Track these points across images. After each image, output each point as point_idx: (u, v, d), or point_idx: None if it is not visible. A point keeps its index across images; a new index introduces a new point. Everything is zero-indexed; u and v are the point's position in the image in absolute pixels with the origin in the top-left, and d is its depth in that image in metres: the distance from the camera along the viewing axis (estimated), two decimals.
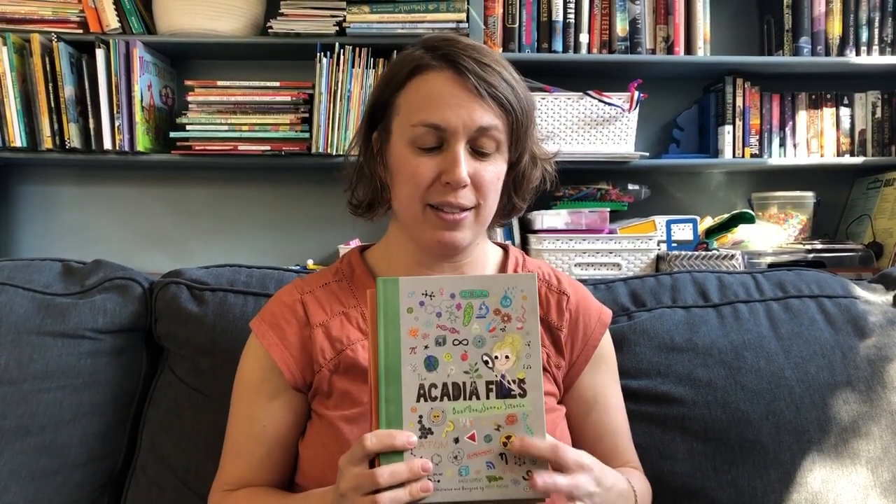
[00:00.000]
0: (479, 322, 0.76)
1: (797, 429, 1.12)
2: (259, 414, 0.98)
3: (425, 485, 0.73)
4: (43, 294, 1.22)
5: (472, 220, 0.94)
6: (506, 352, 0.75)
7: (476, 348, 0.75)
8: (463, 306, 0.76)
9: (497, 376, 0.75)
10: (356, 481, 0.73)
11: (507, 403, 0.75)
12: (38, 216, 2.48)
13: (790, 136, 2.44)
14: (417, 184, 0.92)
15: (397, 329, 0.75)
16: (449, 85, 0.91)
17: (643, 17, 2.33)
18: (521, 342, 0.76)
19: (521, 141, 0.97)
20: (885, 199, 2.38)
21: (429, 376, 0.75)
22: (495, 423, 0.74)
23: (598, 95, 2.19)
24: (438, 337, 0.75)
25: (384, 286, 0.75)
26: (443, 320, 0.76)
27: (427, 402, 0.74)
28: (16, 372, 1.14)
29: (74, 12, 2.20)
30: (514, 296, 0.76)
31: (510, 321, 0.76)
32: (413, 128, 0.92)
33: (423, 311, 0.75)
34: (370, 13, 2.17)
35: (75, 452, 1.14)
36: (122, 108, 2.15)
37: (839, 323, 1.23)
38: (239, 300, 1.21)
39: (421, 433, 0.74)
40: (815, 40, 2.37)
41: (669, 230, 2.17)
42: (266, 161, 2.24)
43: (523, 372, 0.75)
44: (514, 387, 0.75)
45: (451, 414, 0.74)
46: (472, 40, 0.97)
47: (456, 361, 0.75)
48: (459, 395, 0.75)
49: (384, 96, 0.97)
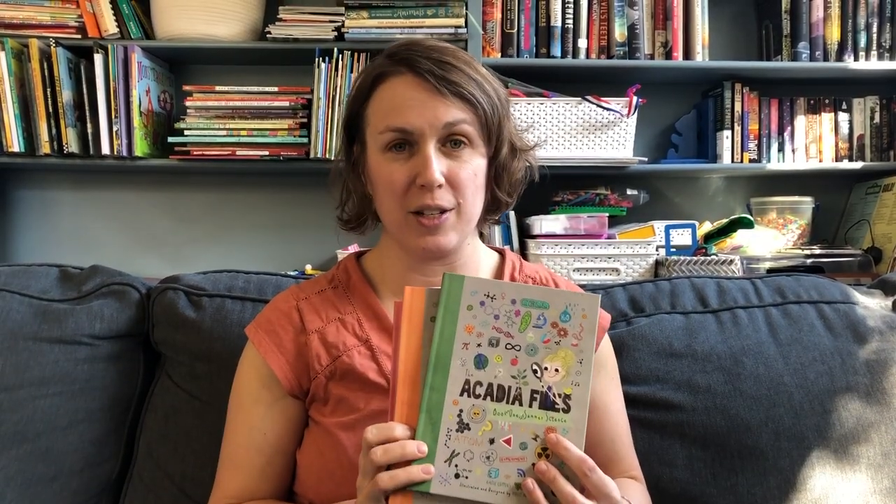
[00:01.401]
0: (535, 331, 0.76)
1: (797, 435, 1.12)
2: (258, 422, 0.97)
3: (426, 467, 0.73)
4: (40, 300, 1.21)
5: (454, 221, 0.93)
6: (556, 365, 0.76)
7: (527, 356, 0.76)
8: (521, 313, 0.76)
9: (543, 387, 0.75)
10: (363, 469, 0.76)
11: (549, 416, 0.75)
12: (36, 221, 2.48)
13: (789, 141, 2.44)
14: (394, 190, 0.92)
15: (454, 323, 0.76)
16: (410, 88, 0.91)
17: (642, 22, 2.34)
18: (574, 359, 0.76)
19: (494, 134, 0.96)
20: (884, 204, 2.38)
21: (476, 373, 0.75)
22: (534, 432, 0.75)
23: (596, 100, 2.18)
24: (492, 338, 0.76)
25: (449, 281, 0.77)
26: (499, 323, 0.76)
27: (470, 398, 0.75)
28: (12, 378, 1.13)
29: (73, 17, 2.20)
30: (574, 313, 0.76)
31: (566, 336, 0.76)
32: (381, 135, 0.92)
33: (482, 310, 0.76)
34: (368, 18, 2.17)
35: (72, 459, 1.13)
36: (120, 113, 2.15)
37: (838, 328, 1.23)
38: (237, 306, 1.21)
39: (458, 427, 0.74)
40: (814, 45, 2.37)
41: (668, 235, 2.17)
42: (264, 166, 2.24)
43: (570, 388, 0.75)
44: (559, 401, 0.75)
45: (490, 414, 0.75)
46: (437, 41, 0.96)
47: (505, 365, 0.76)
48: (503, 398, 0.75)
49: (354, 109, 0.97)
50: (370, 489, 0.74)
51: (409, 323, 0.77)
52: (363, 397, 0.95)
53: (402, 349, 0.77)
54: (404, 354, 0.76)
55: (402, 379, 0.76)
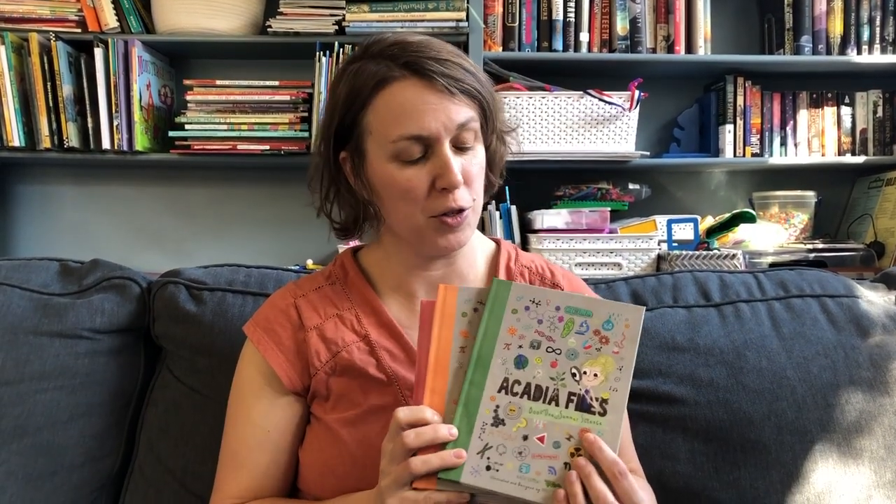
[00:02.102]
0: (577, 337, 0.79)
1: (799, 429, 1.11)
2: (261, 420, 0.97)
3: (458, 452, 0.74)
4: (40, 294, 1.21)
5: (471, 217, 0.94)
6: (596, 370, 0.78)
7: (568, 360, 0.78)
8: (565, 320, 0.80)
9: (581, 390, 0.77)
10: (390, 454, 0.76)
11: (584, 417, 0.76)
12: (36, 216, 2.48)
13: (791, 135, 2.44)
14: (414, 197, 0.90)
15: (499, 324, 0.80)
16: (419, 92, 0.88)
17: (643, 15, 2.33)
18: (614, 365, 0.78)
19: (492, 124, 0.96)
20: (887, 198, 2.37)
21: (515, 373, 0.78)
22: (568, 432, 0.76)
23: (598, 94, 2.18)
24: (534, 341, 0.79)
25: (497, 286, 0.81)
26: (542, 327, 0.80)
27: (507, 395, 0.78)
28: (13, 372, 1.13)
29: (73, 11, 2.19)
30: (617, 322, 0.79)
31: (608, 343, 0.78)
32: (394, 144, 0.89)
33: (526, 314, 0.80)
34: (369, 12, 2.16)
35: (72, 453, 1.13)
36: (120, 108, 2.15)
37: (841, 322, 1.22)
38: (238, 300, 1.21)
39: (494, 422, 0.76)
40: (817, 39, 2.36)
41: (670, 230, 2.16)
42: (265, 160, 2.24)
43: (608, 393, 0.77)
44: (596, 404, 0.77)
45: (526, 412, 0.77)
46: (422, 37, 0.93)
47: (545, 366, 0.78)
48: (540, 398, 0.77)
49: (349, 116, 0.92)
50: (399, 473, 0.74)
51: (442, 317, 0.81)
52: (363, 393, 0.94)
53: (434, 340, 0.80)
54: (436, 345, 0.80)
55: (432, 368, 0.79)
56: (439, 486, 0.74)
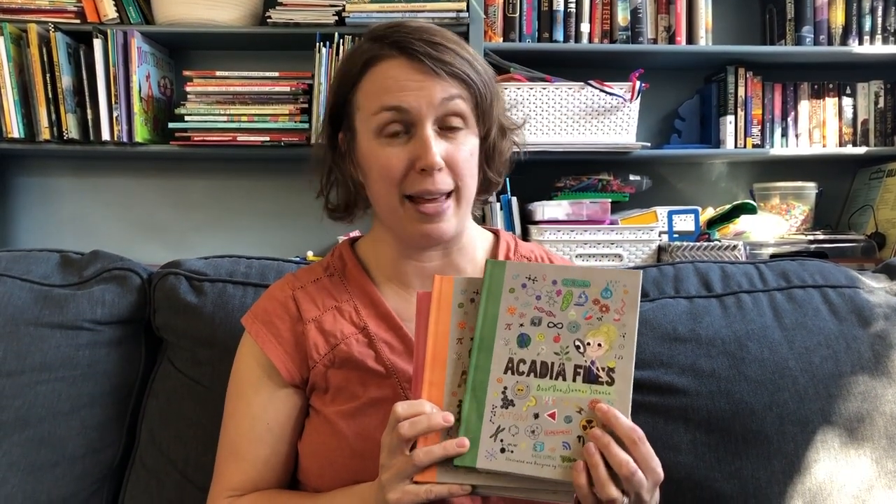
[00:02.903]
0: (577, 309, 0.78)
1: (801, 419, 1.11)
2: (260, 412, 0.97)
3: (461, 441, 0.74)
4: (41, 285, 1.21)
5: (453, 207, 0.93)
6: (599, 340, 0.77)
7: (570, 333, 0.78)
8: (563, 293, 0.79)
9: (587, 362, 0.77)
10: (389, 447, 0.76)
11: (593, 389, 0.76)
12: (36, 207, 2.47)
13: (792, 126, 2.43)
14: (391, 175, 0.90)
15: (497, 305, 0.79)
16: (404, 70, 0.89)
17: (644, 6, 2.32)
18: (617, 333, 0.77)
19: (487, 114, 0.95)
20: (888, 189, 2.37)
21: (519, 352, 0.78)
22: (578, 405, 0.76)
23: (599, 85, 2.17)
24: (535, 317, 0.78)
25: (492, 267, 0.80)
26: (541, 303, 0.79)
27: (514, 375, 0.77)
28: (14, 363, 1.13)
29: (72, 2, 2.18)
30: (615, 289, 0.78)
31: (608, 312, 0.78)
32: (375, 116, 0.90)
33: (524, 292, 0.79)
34: (369, 3, 2.15)
35: (74, 444, 1.13)
36: (120, 99, 2.14)
37: (843, 313, 1.22)
38: (238, 291, 1.21)
39: (503, 404, 0.76)
40: (818, 30, 2.36)
41: (671, 221, 2.16)
42: (265, 152, 2.24)
43: (614, 361, 0.77)
44: (603, 374, 0.76)
45: (534, 390, 0.77)
46: (423, 22, 0.95)
47: (548, 342, 0.78)
48: (546, 374, 0.77)
49: (342, 95, 0.95)
50: (401, 466, 0.74)
51: (439, 309, 0.80)
52: (362, 385, 0.94)
53: (430, 333, 0.79)
54: (433, 337, 0.79)
55: (430, 360, 0.79)
56: (439, 475, 0.74)
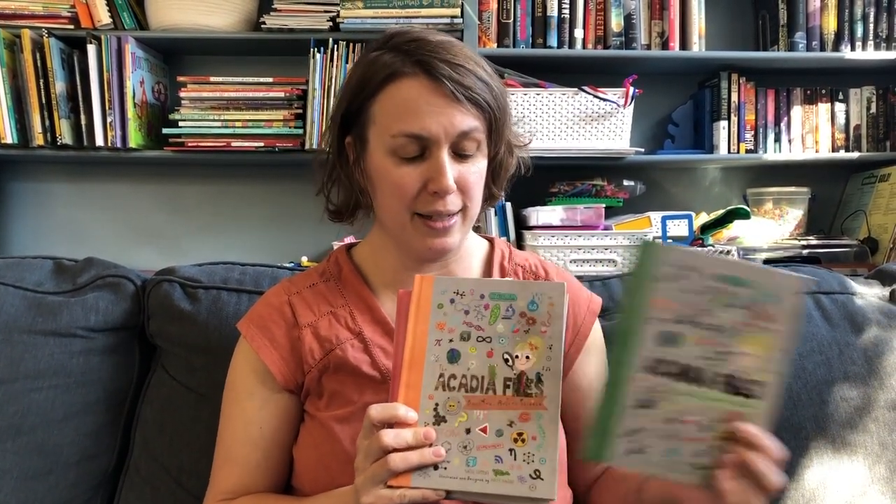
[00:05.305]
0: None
1: (794, 425, 1.12)
2: (254, 417, 0.97)
3: (437, 450, 0.74)
4: (34, 292, 1.20)
5: (460, 224, 0.94)
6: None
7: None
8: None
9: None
10: (365, 451, 0.75)
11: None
12: (30, 213, 2.47)
13: (785, 131, 2.44)
14: (403, 195, 0.91)
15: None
16: (425, 92, 0.89)
17: (638, 12, 2.33)
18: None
19: (499, 136, 0.96)
20: (880, 194, 2.38)
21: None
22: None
23: (592, 91, 2.18)
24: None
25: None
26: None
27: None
28: (7, 371, 1.13)
29: (65, 8, 2.18)
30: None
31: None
32: (393, 138, 0.89)
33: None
34: (364, 8, 2.16)
35: (68, 452, 1.13)
36: (114, 105, 2.14)
37: (836, 319, 1.23)
38: (232, 298, 1.20)
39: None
40: (810, 35, 2.37)
41: (665, 226, 2.17)
42: (259, 157, 2.23)
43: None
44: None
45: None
46: (442, 37, 0.94)
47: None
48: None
49: (356, 103, 0.94)
50: (376, 471, 0.73)
51: (418, 309, 0.79)
52: (357, 390, 0.94)
53: (409, 334, 0.79)
54: (411, 339, 0.79)
55: (407, 362, 0.78)
56: (414, 481, 0.74)
